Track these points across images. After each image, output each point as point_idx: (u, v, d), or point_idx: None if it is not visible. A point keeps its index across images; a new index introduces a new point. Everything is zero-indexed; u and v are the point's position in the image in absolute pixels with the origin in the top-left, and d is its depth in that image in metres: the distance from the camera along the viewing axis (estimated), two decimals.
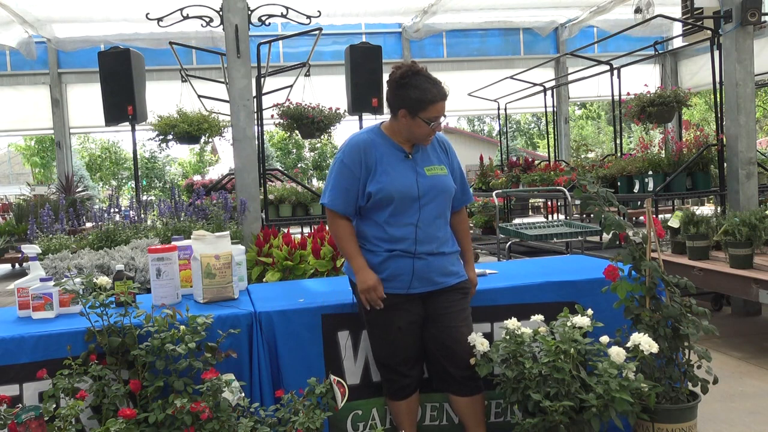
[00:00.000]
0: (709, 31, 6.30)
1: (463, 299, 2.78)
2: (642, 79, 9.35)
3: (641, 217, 11.74)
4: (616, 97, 8.67)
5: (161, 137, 7.87)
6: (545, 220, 10.94)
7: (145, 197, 10.19)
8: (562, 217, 10.67)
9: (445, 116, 2.68)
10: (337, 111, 7.76)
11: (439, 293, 2.72)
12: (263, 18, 6.30)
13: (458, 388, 2.75)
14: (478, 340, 2.67)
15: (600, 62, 9.49)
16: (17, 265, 10.51)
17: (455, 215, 2.90)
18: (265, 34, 8.69)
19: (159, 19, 6.27)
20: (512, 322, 2.73)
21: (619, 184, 6.92)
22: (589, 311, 2.71)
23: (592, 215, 5.59)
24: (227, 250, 3.01)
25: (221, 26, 5.63)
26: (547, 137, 12.11)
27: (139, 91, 6.49)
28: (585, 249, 6.98)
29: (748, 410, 3.49)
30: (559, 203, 11.41)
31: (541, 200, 14.33)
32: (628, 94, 7.88)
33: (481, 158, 11.71)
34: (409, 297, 2.69)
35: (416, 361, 2.79)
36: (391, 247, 2.65)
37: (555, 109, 12.01)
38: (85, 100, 12.30)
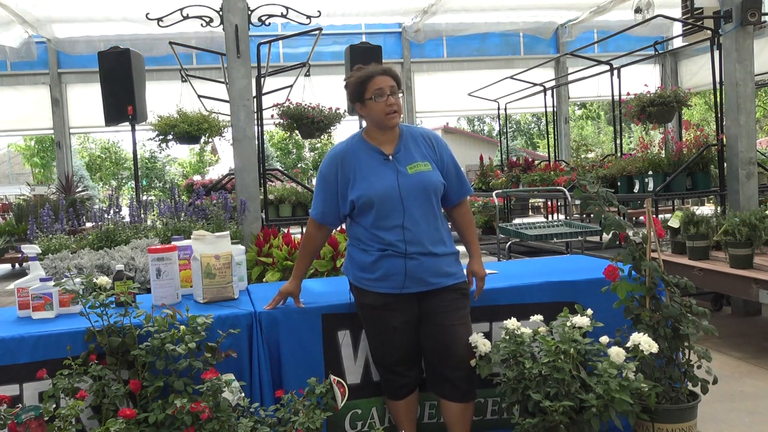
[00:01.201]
0: (709, 31, 6.30)
1: (460, 299, 2.75)
2: (642, 79, 9.35)
3: (641, 217, 11.74)
4: (616, 97, 8.67)
5: (161, 137, 7.86)
6: (545, 220, 10.94)
7: (145, 197, 10.18)
8: (562, 217, 10.67)
9: (401, 91, 2.69)
10: (337, 111, 7.76)
11: (435, 293, 2.69)
12: (263, 18, 6.30)
13: (452, 392, 2.72)
14: (480, 341, 2.66)
15: (600, 62, 9.49)
16: (17, 265, 10.51)
17: (456, 209, 2.87)
18: (265, 34, 8.69)
19: (159, 19, 6.27)
20: (512, 322, 2.72)
21: (619, 184, 6.92)
22: (589, 311, 2.71)
23: (592, 215, 5.59)
24: (227, 250, 3.01)
25: (221, 26, 5.63)
26: (547, 137, 12.11)
27: (139, 91, 6.49)
28: (585, 249, 6.98)
29: (748, 410, 3.49)
30: (559, 203, 11.41)
31: (541, 200, 14.33)
32: (628, 94, 7.88)
33: (481, 158, 11.71)
34: (403, 297, 2.68)
35: (414, 361, 2.79)
36: (383, 246, 2.64)
37: (555, 109, 12.01)
38: (85, 100, 12.31)
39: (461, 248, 2.87)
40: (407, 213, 2.63)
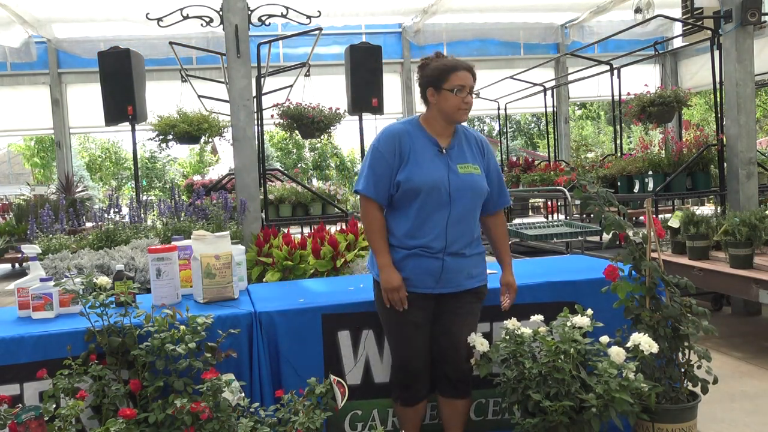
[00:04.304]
0: (709, 31, 6.30)
1: (475, 303, 2.72)
2: (642, 79, 9.36)
3: (641, 217, 11.73)
4: (616, 97, 8.68)
5: (161, 137, 7.86)
6: (545, 220, 10.94)
7: (145, 197, 10.19)
8: (562, 217, 10.66)
9: (475, 93, 2.62)
10: (337, 111, 7.76)
11: (453, 293, 2.66)
12: (263, 18, 6.29)
13: (451, 391, 2.72)
14: (477, 341, 2.66)
15: (600, 62, 9.49)
16: (17, 265, 10.51)
17: (492, 218, 2.83)
18: (265, 34, 8.67)
19: (159, 19, 6.27)
20: (512, 322, 2.72)
21: (619, 184, 6.92)
22: (589, 311, 2.71)
23: (592, 215, 5.59)
24: (227, 250, 3.01)
25: (221, 26, 5.63)
26: (547, 137, 12.11)
27: (139, 91, 6.49)
28: (585, 249, 6.98)
29: (748, 410, 3.49)
30: (559, 203, 11.41)
31: (541, 200, 14.32)
32: (628, 94, 7.89)
33: None
34: (430, 296, 2.65)
35: (428, 365, 2.74)
36: (414, 243, 2.60)
37: (555, 109, 12.01)
38: (85, 100, 12.30)
39: None
40: (452, 211, 2.59)
